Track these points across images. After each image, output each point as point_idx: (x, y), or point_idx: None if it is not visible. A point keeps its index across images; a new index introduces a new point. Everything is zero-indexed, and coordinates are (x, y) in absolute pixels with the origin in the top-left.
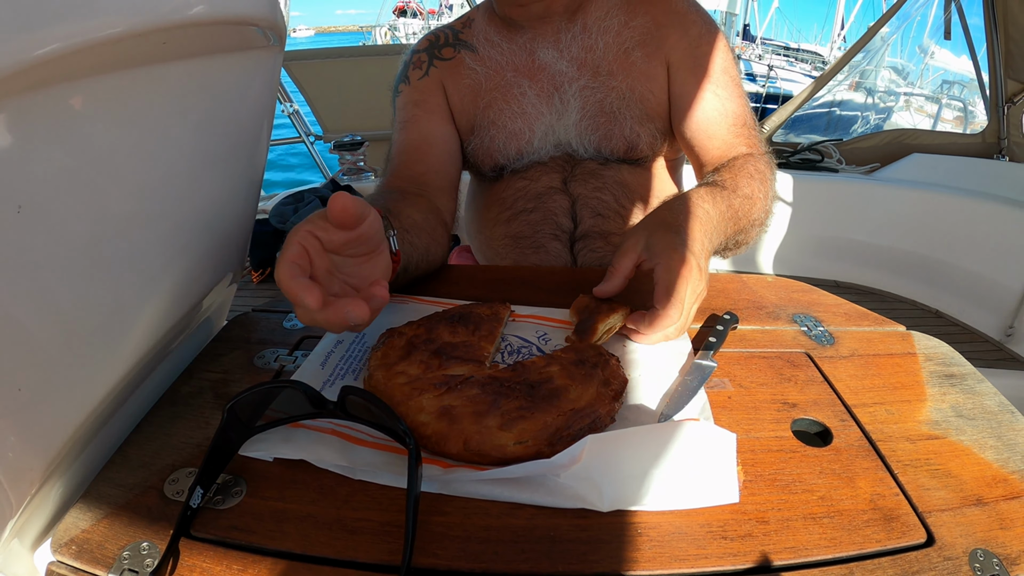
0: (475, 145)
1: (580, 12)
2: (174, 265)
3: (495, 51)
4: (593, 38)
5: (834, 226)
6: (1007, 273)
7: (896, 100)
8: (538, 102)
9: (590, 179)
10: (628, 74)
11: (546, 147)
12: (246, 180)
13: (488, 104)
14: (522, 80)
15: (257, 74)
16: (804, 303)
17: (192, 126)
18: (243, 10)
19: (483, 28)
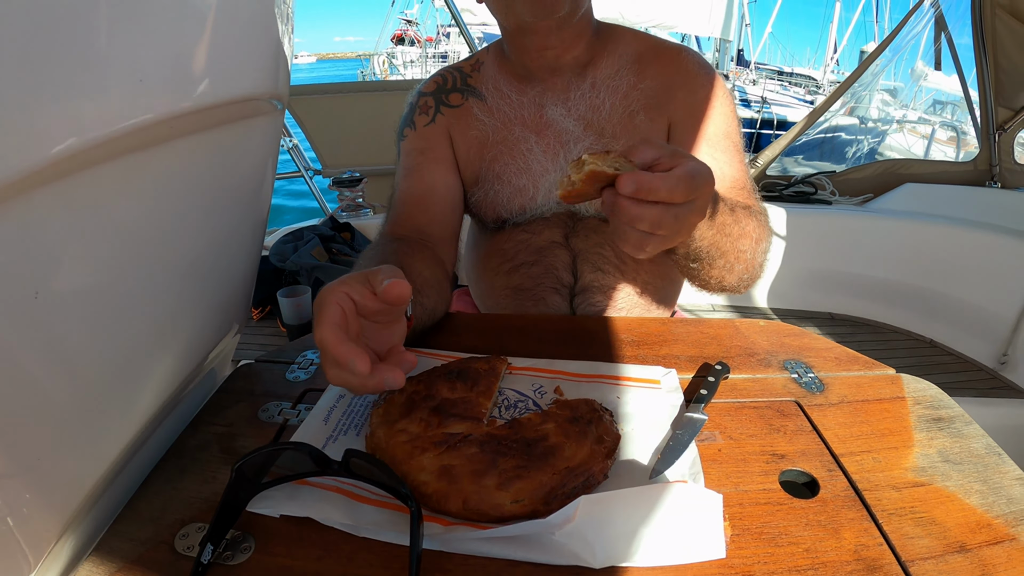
0: (479, 197)
1: (591, 66)
2: (182, 323)
3: (504, 103)
4: (601, 97)
5: (828, 259)
6: (1000, 301)
7: (890, 123)
8: (544, 159)
9: (592, 234)
10: (631, 138)
11: (549, 204)
12: (250, 233)
13: (494, 158)
14: (529, 135)
15: (261, 136)
16: (795, 348)
17: (198, 191)
18: (248, 90)
19: (493, 75)
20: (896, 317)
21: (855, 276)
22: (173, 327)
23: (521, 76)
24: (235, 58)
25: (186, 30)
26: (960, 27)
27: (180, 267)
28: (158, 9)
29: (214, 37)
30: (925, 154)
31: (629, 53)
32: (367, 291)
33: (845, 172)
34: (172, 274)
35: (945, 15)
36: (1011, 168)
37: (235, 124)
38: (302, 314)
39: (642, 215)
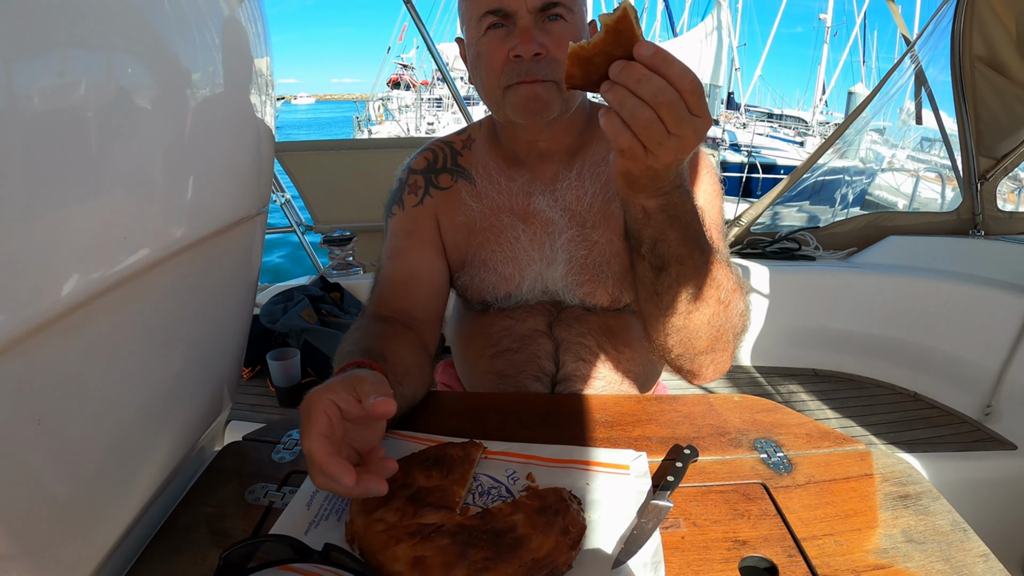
0: (464, 281)
1: (580, 153)
2: (175, 411)
3: (493, 189)
4: (585, 186)
5: (811, 315)
6: (983, 353)
7: (880, 162)
8: (530, 247)
9: (575, 324)
10: (608, 226)
11: (534, 292)
12: (238, 323)
13: (481, 244)
14: (517, 223)
15: (247, 237)
16: (767, 425)
17: (189, 298)
18: (233, 216)
19: (483, 156)
20: (880, 371)
21: (839, 331)
22: (166, 415)
23: (511, 160)
24: (221, 193)
25: (172, 178)
26: (940, 85)
27: (172, 362)
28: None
29: (198, 180)
30: (911, 198)
31: None
32: (353, 399)
33: (829, 227)
34: (164, 370)
35: (925, 70)
36: (994, 215)
37: (222, 235)
38: (291, 376)
39: (650, 78)
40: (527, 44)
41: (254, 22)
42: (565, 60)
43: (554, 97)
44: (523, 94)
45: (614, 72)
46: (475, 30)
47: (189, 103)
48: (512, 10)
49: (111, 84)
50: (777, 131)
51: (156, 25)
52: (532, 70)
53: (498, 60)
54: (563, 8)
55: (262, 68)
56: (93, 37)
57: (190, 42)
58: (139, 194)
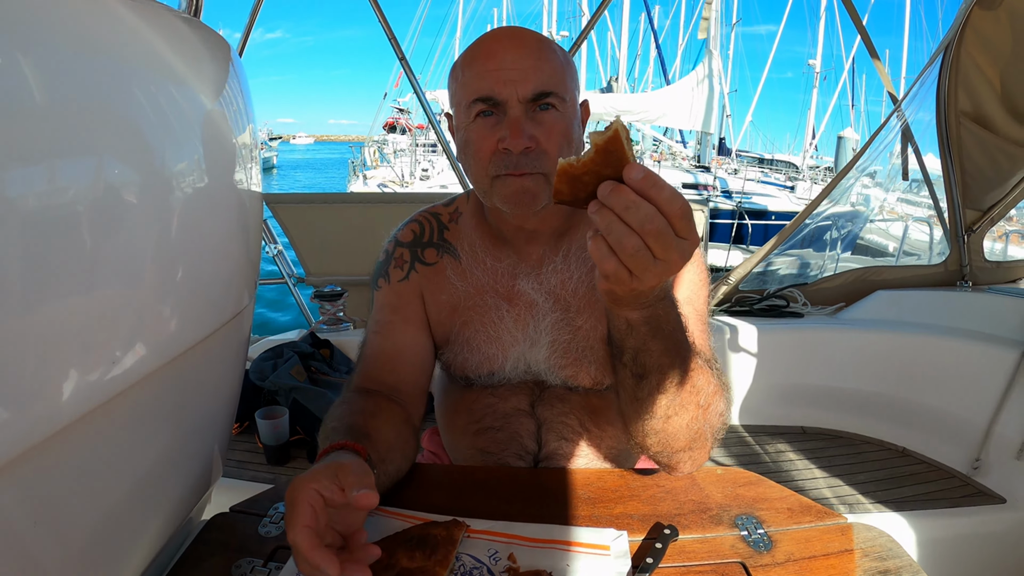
0: (448, 358)
1: (567, 235)
2: (166, 490)
3: (479, 268)
4: (571, 270)
5: (799, 373)
6: (971, 407)
7: (869, 206)
8: (514, 328)
9: (557, 403)
10: (592, 312)
11: (517, 372)
12: (228, 400)
13: (465, 323)
14: (501, 303)
15: (237, 331)
16: (749, 500)
17: (180, 388)
18: (222, 319)
19: (469, 232)
20: (868, 427)
21: (827, 388)
22: (157, 491)
23: (497, 238)
24: (213, 293)
25: (164, 278)
26: (928, 140)
27: (162, 441)
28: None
29: (189, 282)
30: (901, 243)
31: None
32: (336, 487)
33: (817, 283)
34: (154, 450)
35: (911, 126)
36: (981, 266)
37: (216, 333)
38: (279, 435)
39: (639, 205)
40: (516, 138)
41: (234, 98)
42: (555, 152)
43: (543, 189)
44: (511, 187)
45: (603, 194)
46: (464, 115)
47: (176, 200)
48: (502, 99)
49: (99, 185)
50: (768, 176)
51: (141, 127)
52: (521, 163)
53: (486, 150)
54: (555, 98)
55: (245, 140)
56: (81, 142)
57: (173, 140)
58: (132, 293)
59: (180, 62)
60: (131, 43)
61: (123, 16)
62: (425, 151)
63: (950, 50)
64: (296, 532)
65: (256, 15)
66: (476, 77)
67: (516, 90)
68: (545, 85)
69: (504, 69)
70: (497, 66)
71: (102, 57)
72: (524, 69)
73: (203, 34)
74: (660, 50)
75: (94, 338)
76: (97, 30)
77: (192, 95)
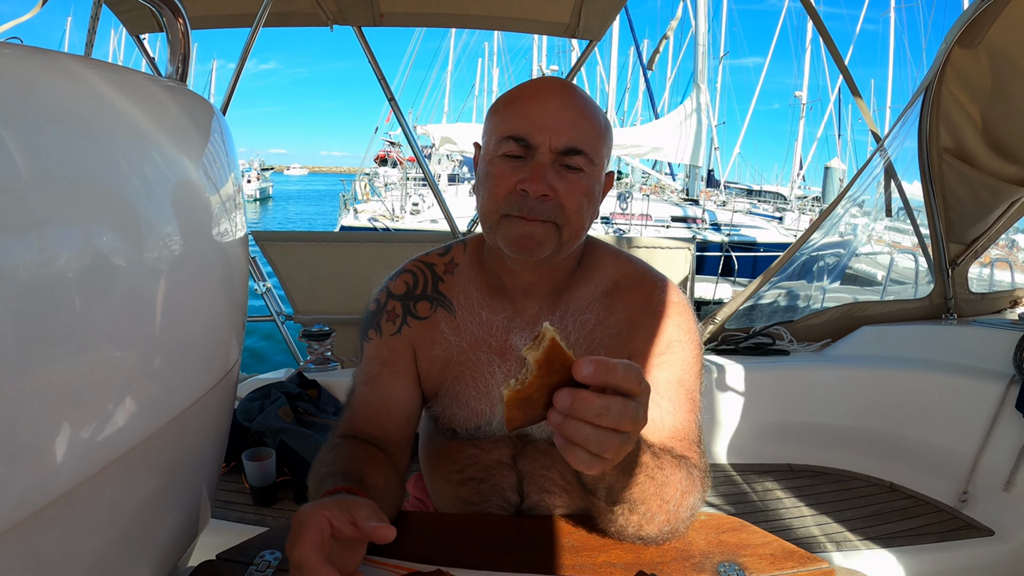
0: (437, 411)
1: (565, 295)
2: (152, 541)
3: (474, 322)
4: (568, 331)
5: (786, 410)
6: (958, 440)
7: (857, 236)
8: (504, 384)
9: (539, 457)
10: None
11: (503, 428)
12: (216, 453)
13: (456, 378)
14: (494, 359)
15: (223, 393)
16: (732, 547)
17: (165, 453)
18: (209, 384)
19: (465, 284)
20: (856, 463)
21: (814, 425)
22: (144, 541)
23: (494, 290)
24: (202, 366)
25: (155, 363)
26: (911, 171)
27: (146, 492)
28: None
29: (183, 362)
30: (888, 271)
31: (604, 282)
32: (346, 520)
33: (802, 319)
34: (141, 501)
35: (894, 163)
36: (966, 299)
37: (205, 396)
38: (266, 476)
39: (609, 409)
40: (537, 182)
41: (217, 156)
42: (573, 208)
43: (551, 239)
44: (519, 230)
45: (564, 406)
46: (493, 148)
47: (163, 263)
48: (535, 143)
49: (88, 253)
50: (756, 207)
51: (126, 195)
52: (536, 209)
53: (504, 188)
54: (584, 159)
55: (228, 191)
56: (69, 213)
57: (157, 205)
58: (124, 359)
59: (163, 129)
60: (115, 116)
61: (105, 91)
62: (416, 185)
63: (931, 89)
64: (304, 548)
65: (240, 71)
66: (514, 115)
67: (550, 138)
68: (580, 143)
69: (544, 115)
70: (538, 110)
71: (87, 132)
72: (563, 120)
73: (186, 99)
74: (649, 83)
75: (88, 407)
76: (81, 107)
77: (175, 159)
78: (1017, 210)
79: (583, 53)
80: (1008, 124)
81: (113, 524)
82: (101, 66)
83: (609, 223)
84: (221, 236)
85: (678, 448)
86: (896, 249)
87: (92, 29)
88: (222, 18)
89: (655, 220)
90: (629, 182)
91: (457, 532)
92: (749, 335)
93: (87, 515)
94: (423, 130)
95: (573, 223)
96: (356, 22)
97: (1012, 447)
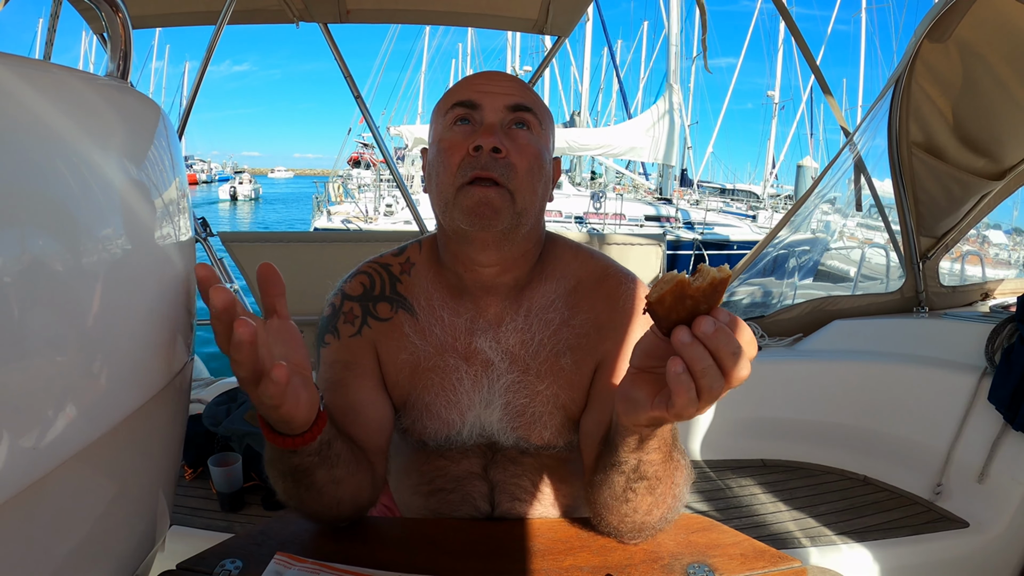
0: (405, 422)
1: (528, 290)
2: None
3: (437, 325)
4: (532, 331)
5: (758, 406)
6: (931, 432)
7: (828, 231)
8: (471, 390)
9: (510, 465)
10: (555, 380)
11: (472, 436)
12: (171, 460)
13: (425, 387)
14: (460, 363)
15: (178, 393)
16: (702, 547)
17: (115, 460)
18: (158, 386)
19: (424, 284)
20: (829, 457)
21: (787, 420)
22: (99, 553)
23: (454, 289)
24: (149, 370)
25: (98, 367)
26: (881, 166)
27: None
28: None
29: (128, 365)
30: (859, 266)
31: (568, 280)
32: None
33: (774, 315)
34: (94, 516)
35: (864, 158)
36: (937, 291)
37: (152, 401)
38: (232, 482)
39: (742, 350)
40: (489, 136)
41: (160, 158)
42: (524, 169)
43: (506, 206)
44: (474, 196)
45: (706, 328)
46: (441, 125)
47: (102, 266)
48: (481, 103)
49: (25, 258)
50: (730, 206)
51: (63, 198)
52: (489, 165)
53: (457, 155)
54: (532, 116)
55: (172, 195)
56: (3, 216)
57: (96, 207)
58: (66, 364)
59: (103, 130)
60: (53, 116)
61: (33, 91)
62: (390, 186)
63: (900, 82)
64: None
65: (204, 70)
66: (458, 88)
67: (496, 99)
68: (526, 100)
69: (488, 83)
70: (481, 80)
71: (21, 133)
72: (507, 84)
73: (128, 98)
74: (622, 84)
75: (28, 414)
76: (14, 107)
77: (116, 161)
78: (987, 204)
79: (551, 48)
80: (977, 118)
81: (61, 534)
82: (29, 64)
83: (583, 222)
84: (163, 239)
85: None
86: (866, 244)
87: (52, 28)
88: (186, 16)
89: (629, 219)
90: (603, 182)
91: (423, 538)
92: None
93: (30, 526)
94: (396, 131)
95: (525, 188)
96: (322, 18)
97: (985, 438)
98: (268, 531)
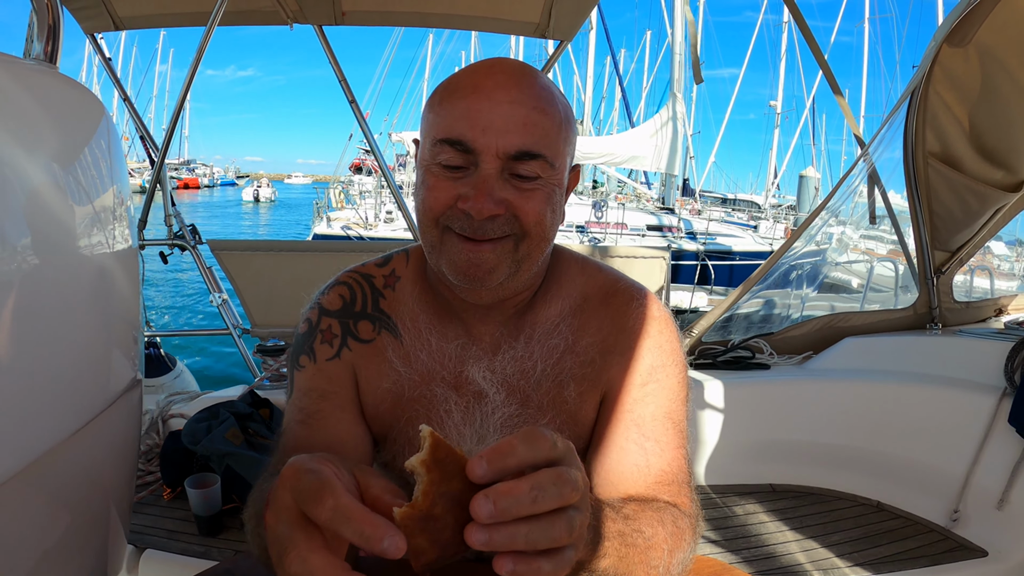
0: (386, 457)
1: (530, 313)
2: None
3: (423, 351)
4: (533, 359)
5: (767, 427)
6: (947, 456)
7: (832, 242)
8: (462, 424)
9: None
10: (558, 413)
11: None
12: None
13: (409, 420)
14: (449, 395)
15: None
16: None
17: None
18: (113, 395)
19: (410, 303)
20: (841, 482)
21: (796, 443)
22: None
23: (443, 311)
24: (85, 392)
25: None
26: (895, 178)
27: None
28: None
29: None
30: (867, 283)
31: (573, 298)
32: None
33: (783, 331)
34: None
35: (879, 169)
36: (951, 307)
37: None
38: (210, 505)
39: (539, 484)
40: (482, 201)
41: (97, 160)
42: (532, 220)
43: (505, 261)
44: (463, 255)
45: (485, 511)
46: (428, 152)
47: (17, 276)
48: (477, 148)
49: None
50: (731, 215)
51: None
52: (484, 229)
53: (440, 203)
54: (542, 163)
55: (106, 202)
56: None
57: (11, 210)
58: None
59: (23, 120)
60: None
61: None
62: (391, 193)
63: (918, 91)
64: (339, 497)
65: (195, 72)
66: (451, 113)
67: (496, 141)
68: (535, 144)
69: (489, 111)
70: (480, 105)
71: None
72: (514, 117)
73: (59, 85)
74: (625, 93)
75: None
76: None
77: (39, 158)
78: (1002, 217)
79: (554, 53)
80: (995, 127)
81: (12, 557)
82: None
83: (584, 232)
84: (93, 249)
85: (665, 495)
86: (875, 257)
87: (32, 24)
88: (176, 16)
89: (631, 229)
90: (605, 191)
91: None
92: (727, 348)
93: None
94: (398, 137)
95: (534, 234)
96: (317, 21)
97: (1005, 463)
98: (235, 571)
